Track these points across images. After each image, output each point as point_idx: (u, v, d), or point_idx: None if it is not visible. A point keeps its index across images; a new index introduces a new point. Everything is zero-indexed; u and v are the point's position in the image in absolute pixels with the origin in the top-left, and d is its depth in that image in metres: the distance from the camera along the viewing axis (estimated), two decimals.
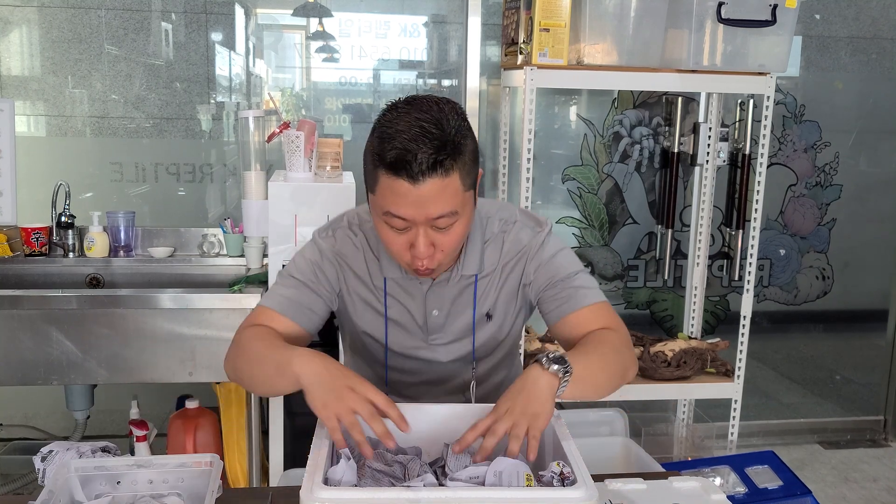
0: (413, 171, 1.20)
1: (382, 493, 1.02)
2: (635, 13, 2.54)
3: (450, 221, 1.27)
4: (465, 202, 1.28)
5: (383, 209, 1.27)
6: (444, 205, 1.24)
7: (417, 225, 1.26)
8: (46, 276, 2.69)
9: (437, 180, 1.21)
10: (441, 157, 1.20)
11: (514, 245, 1.47)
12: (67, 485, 1.29)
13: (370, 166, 1.28)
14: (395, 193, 1.23)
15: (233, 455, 2.57)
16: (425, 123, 1.22)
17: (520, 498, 1.01)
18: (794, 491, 2.32)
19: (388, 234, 1.30)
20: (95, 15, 2.95)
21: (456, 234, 1.30)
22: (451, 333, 1.49)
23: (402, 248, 1.30)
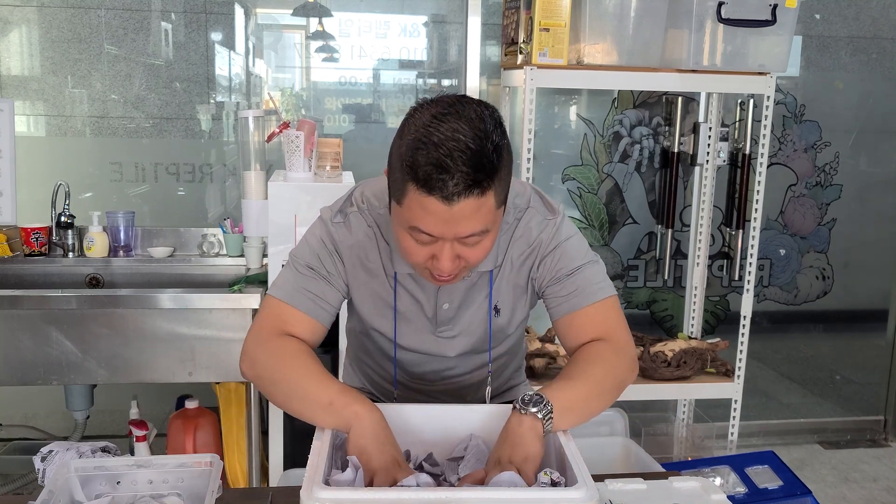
0: (448, 192, 1.11)
1: (382, 493, 1.01)
2: (635, 13, 2.54)
3: (479, 239, 1.20)
4: (497, 218, 1.21)
5: (409, 223, 1.18)
6: (476, 224, 1.16)
7: (444, 241, 1.19)
8: (46, 276, 2.69)
9: (472, 201, 1.13)
10: (479, 178, 1.12)
11: (525, 235, 1.38)
12: (67, 485, 1.29)
13: (398, 174, 1.16)
14: (424, 210, 1.14)
15: (233, 455, 2.57)
16: (464, 137, 1.11)
17: (520, 498, 1.01)
18: (794, 491, 2.32)
19: (410, 244, 1.22)
20: (95, 15, 2.95)
21: (483, 249, 1.23)
22: (459, 326, 1.44)
23: (423, 259, 1.23)
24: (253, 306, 2.33)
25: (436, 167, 1.10)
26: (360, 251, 1.38)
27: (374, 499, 0.99)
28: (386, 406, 1.28)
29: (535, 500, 1.01)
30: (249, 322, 2.35)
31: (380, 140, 3.24)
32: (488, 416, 1.30)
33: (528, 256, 1.40)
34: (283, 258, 2.34)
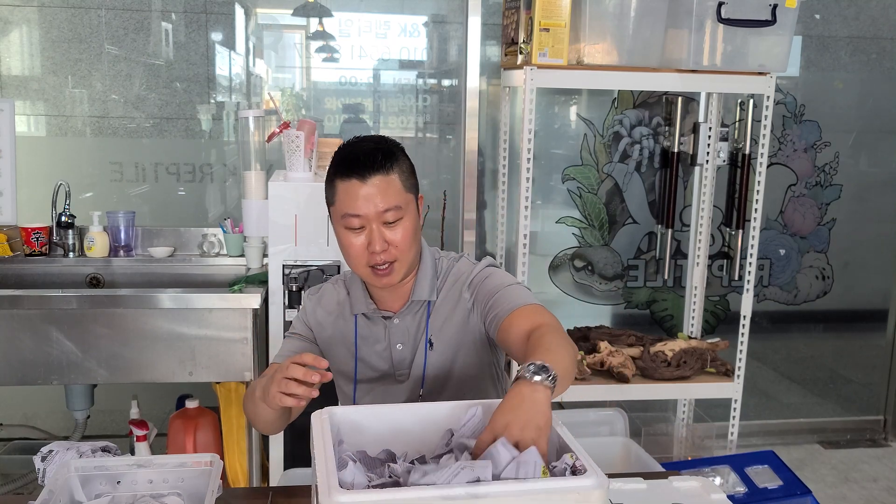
0: (360, 170, 1.45)
1: (402, 493, 1.02)
2: (635, 13, 2.54)
3: (396, 216, 1.47)
4: (408, 203, 1.50)
5: (341, 213, 1.48)
6: (389, 199, 1.46)
7: (370, 222, 1.47)
8: (46, 275, 2.69)
9: (381, 177, 1.46)
10: (381, 158, 1.46)
11: (455, 276, 1.61)
12: (67, 485, 1.29)
13: (329, 184, 1.53)
14: (348, 194, 1.47)
15: (233, 455, 2.57)
16: (368, 140, 1.52)
17: (536, 489, 1.02)
18: (794, 491, 2.32)
19: (349, 238, 1.49)
20: (95, 15, 2.95)
21: (405, 230, 1.49)
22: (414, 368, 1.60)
23: (361, 251, 1.49)
24: (253, 306, 2.33)
25: (350, 158, 1.48)
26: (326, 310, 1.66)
27: (394, 499, 0.99)
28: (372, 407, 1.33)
29: (550, 490, 1.02)
30: (249, 322, 2.36)
31: None
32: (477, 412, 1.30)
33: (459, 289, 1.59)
34: (283, 258, 2.36)
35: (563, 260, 3.37)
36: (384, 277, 1.51)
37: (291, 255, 2.36)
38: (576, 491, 1.02)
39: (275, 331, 2.41)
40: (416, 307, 1.59)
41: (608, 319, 3.44)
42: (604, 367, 2.69)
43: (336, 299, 1.65)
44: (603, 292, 3.41)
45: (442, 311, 1.59)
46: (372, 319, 1.61)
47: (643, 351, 2.74)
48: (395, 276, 1.51)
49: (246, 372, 2.37)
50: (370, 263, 1.49)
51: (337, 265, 2.37)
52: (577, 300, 3.38)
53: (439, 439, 1.27)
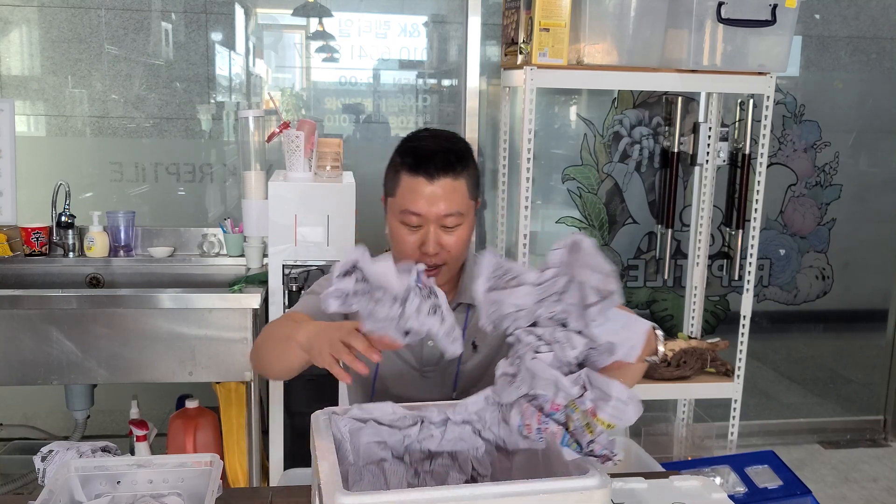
0: (430, 170, 1.41)
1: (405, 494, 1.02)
2: (635, 13, 2.54)
3: (457, 222, 1.45)
4: (469, 210, 1.48)
5: (401, 208, 1.44)
6: (453, 204, 1.43)
7: (429, 223, 1.44)
8: (46, 275, 2.69)
9: (449, 180, 1.43)
10: (453, 160, 1.43)
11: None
12: (67, 485, 1.29)
13: (391, 173, 1.48)
14: (413, 191, 1.42)
15: (233, 455, 2.57)
16: (441, 138, 1.48)
17: (537, 489, 1.02)
18: (794, 491, 2.32)
19: (403, 233, 1.46)
20: (95, 15, 2.95)
21: (460, 238, 1.47)
22: (441, 365, 1.57)
23: (413, 247, 1.45)
24: (253, 306, 2.33)
25: (421, 154, 1.43)
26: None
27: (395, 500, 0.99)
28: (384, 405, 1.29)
29: (553, 489, 1.03)
30: (249, 322, 2.35)
31: (380, 140, 3.24)
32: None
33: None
34: (283, 258, 2.36)
35: None
36: (430, 274, 1.44)
37: (291, 255, 2.36)
38: (578, 491, 1.02)
39: None
40: (458, 309, 1.56)
41: None
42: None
43: None
44: None
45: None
46: None
47: None
48: (441, 278, 1.50)
49: (246, 372, 2.37)
50: (419, 262, 1.38)
51: None
52: None
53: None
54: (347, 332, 1.18)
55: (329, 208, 2.35)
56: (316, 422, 1.21)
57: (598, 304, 1.00)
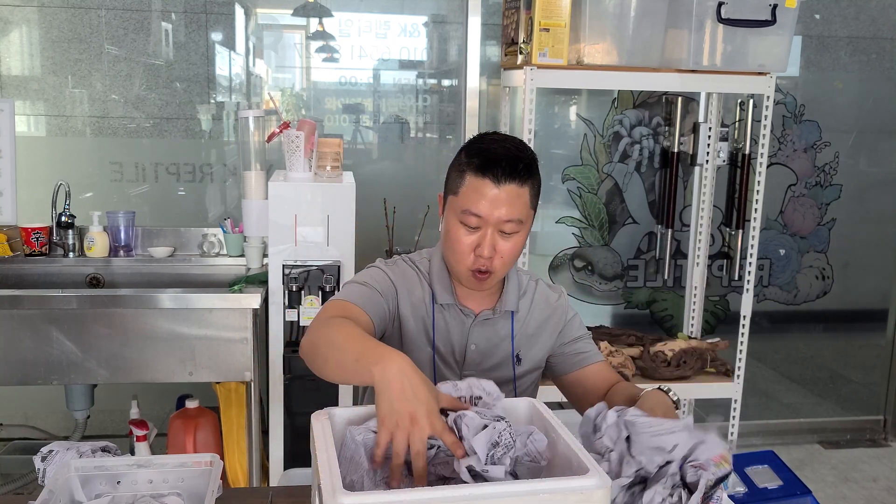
0: (498, 173, 1.40)
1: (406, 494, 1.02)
2: (635, 13, 2.54)
3: (515, 229, 1.44)
4: (528, 218, 1.48)
5: (463, 207, 1.43)
6: (515, 210, 1.42)
7: (487, 226, 1.43)
8: (46, 275, 2.69)
9: (515, 187, 1.42)
10: (521, 167, 1.42)
11: (542, 301, 1.64)
12: (67, 485, 1.29)
13: (456, 172, 1.47)
14: (477, 192, 1.42)
15: (233, 455, 2.57)
16: (509, 144, 1.46)
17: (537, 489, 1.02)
18: (794, 491, 2.32)
19: (459, 232, 1.45)
20: (95, 15, 2.95)
21: (515, 245, 1.47)
22: (485, 374, 1.57)
23: (467, 249, 1.45)
24: (253, 306, 2.33)
25: (489, 157, 1.42)
26: (407, 284, 1.57)
27: (397, 500, 0.99)
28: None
29: (553, 490, 1.02)
30: (249, 322, 2.35)
31: (380, 140, 3.24)
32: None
33: (549, 318, 1.63)
34: (283, 258, 2.36)
35: (563, 260, 3.37)
36: (479, 282, 1.49)
37: (291, 255, 2.37)
38: (578, 491, 1.02)
39: (275, 331, 2.41)
40: (501, 315, 1.58)
41: (608, 319, 3.44)
42: None
43: (416, 281, 1.58)
44: (603, 292, 3.41)
45: (528, 329, 1.61)
46: (452, 314, 1.57)
47: (643, 351, 2.74)
48: (488, 283, 1.50)
49: (246, 372, 2.38)
50: (472, 266, 1.46)
51: (337, 265, 2.37)
52: (577, 300, 3.38)
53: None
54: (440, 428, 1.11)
55: (329, 208, 2.35)
56: (316, 422, 1.21)
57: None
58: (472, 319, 1.56)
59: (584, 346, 1.63)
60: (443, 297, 1.55)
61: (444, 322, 1.57)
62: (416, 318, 1.56)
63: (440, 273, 1.56)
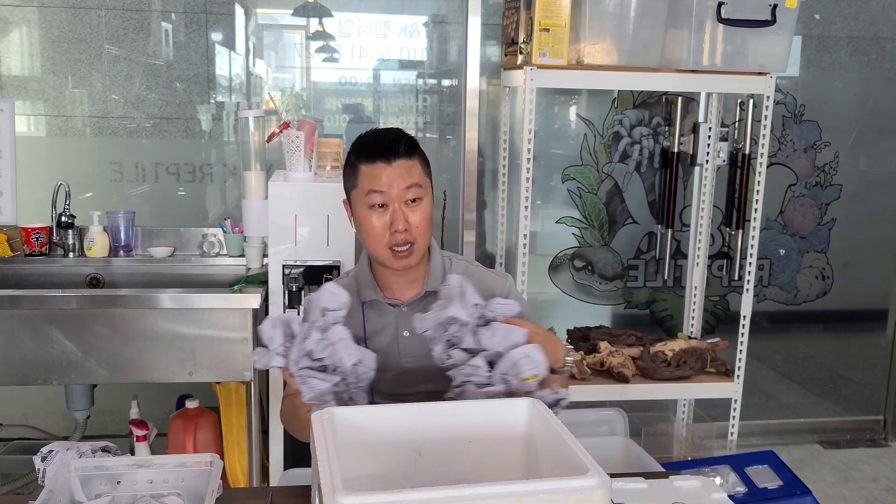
0: (387, 154, 1.54)
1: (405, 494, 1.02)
2: (635, 13, 2.54)
3: (417, 194, 1.56)
4: (426, 187, 1.60)
5: (366, 191, 1.55)
6: (411, 177, 1.55)
7: (393, 201, 1.55)
8: (46, 275, 2.69)
9: (404, 161, 1.56)
10: (404, 145, 1.56)
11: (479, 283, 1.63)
12: (67, 485, 1.29)
13: (349, 171, 1.60)
14: (373, 175, 1.55)
15: (233, 455, 2.57)
16: (386, 131, 1.61)
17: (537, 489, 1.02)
18: (794, 491, 2.32)
19: (371, 217, 1.56)
20: (95, 15, 2.95)
21: (423, 213, 1.57)
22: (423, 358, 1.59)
23: (382, 231, 1.55)
24: (253, 306, 2.33)
25: (374, 144, 1.58)
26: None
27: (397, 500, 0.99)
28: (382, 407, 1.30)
29: (552, 489, 1.03)
30: (249, 322, 2.35)
31: None
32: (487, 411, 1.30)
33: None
34: (283, 258, 2.36)
35: (563, 260, 3.37)
36: (403, 259, 1.57)
37: (291, 255, 2.37)
38: (578, 491, 1.02)
39: None
40: (428, 299, 1.62)
41: (608, 319, 3.44)
42: (604, 367, 2.69)
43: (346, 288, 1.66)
44: (603, 292, 3.41)
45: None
46: (380, 310, 1.65)
47: (643, 351, 2.74)
48: (413, 258, 1.58)
49: (246, 372, 2.38)
50: (391, 244, 1.55)
51: (337, 265, 2.37)
52: (577, 300, 3.39)
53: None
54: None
55: (329, 208, 2.35)
56: (316, 421, 1.21)
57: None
58: (400, 307, 1.64)
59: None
60: (367, 295, 1.65)
61: (376, 320, 1.65)
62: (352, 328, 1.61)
63: (362, 274, 1.66)
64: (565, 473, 1.09)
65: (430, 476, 1.26)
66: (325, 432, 1.18)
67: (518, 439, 1.29)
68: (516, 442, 1.29)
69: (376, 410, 1.28)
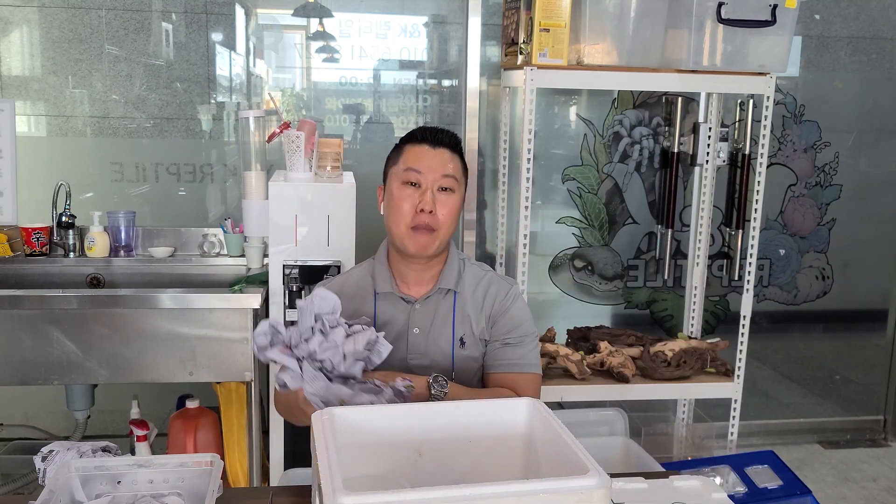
0: (433, 139, 1.62)
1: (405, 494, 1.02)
2: (635, 13, 2.54)
3: (452, 185, 1.61)
4: (461, 184, 1.64)
5: (405, 167, 1.61)
6: (451, 168, 1.61)
7: (428, 184, 1.59)
8: (47, 275, 2.69)
9: (448, 151, 1.62)
10: (453, 138, 1.64)
11: (488, 287, 1.69)
12: (68, 484, 1.29)
13: (395, 151, 1.67)
14: (416, 154, 1.61)
15: (233, 455, 2.57)
16: (437, 127, 1.67)
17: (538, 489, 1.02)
18: (794, 491, 2.32)
19: (403, 192, 1.60)
20: (95, 15, 2.95)
21: (452, 205, 1.61)
22: (429, 356, 1.64)
23: (410, 209, 1.59)
24: (254, 306, 2.33)
25: (426, 130, 1.65)
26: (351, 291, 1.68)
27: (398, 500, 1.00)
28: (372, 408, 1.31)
29: (553, 489, 1.03)
30: (250, 322, 2.36)
31: (380, 140, 3.24)
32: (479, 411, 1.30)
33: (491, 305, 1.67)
34: (283, 258, 2.36)
35: (563, 260, 3.37)
36: (422, 237, 1.59)
37: (291, 255, 2.37)
38: (578, 491, 1.02)
39: None
40: (440, 295, 1.65)
41: (608, 319, 3.44)
42: (604, 367, 2.69)
43: (359, 281, 1.71)
44: (603, 292, 3.42)
45: (470, 311, 1.66)
46: (392, 303, 1.66)
47: (643, 351, 2.75)
48: (431, 244, 1.60)
49: (246, 372, 2.38)
50: (414, 223, 1.58)
51: (337, 265, 2.37)
52: (577, 300, 3.39)
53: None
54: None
55: (329, 208, 2.35)
56: (316, 421, 1.21)
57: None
58: (413, 304, 1.65)
59: (514, 350, 1.65)
60: (382, 287, 1.66)
61: (387, 311, 1.66)
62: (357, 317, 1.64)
63: (381, 265, 1.68)
64: (565, 473, 1.09)
65: (430, 476, 1.27)
66: (325, 432, 1.18)
67: (518, 439, 1.29)
68: (516, 442, 1.29)
69: (376, 410, 1.28)
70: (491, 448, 1.28)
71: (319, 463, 1.10)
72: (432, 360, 1.65)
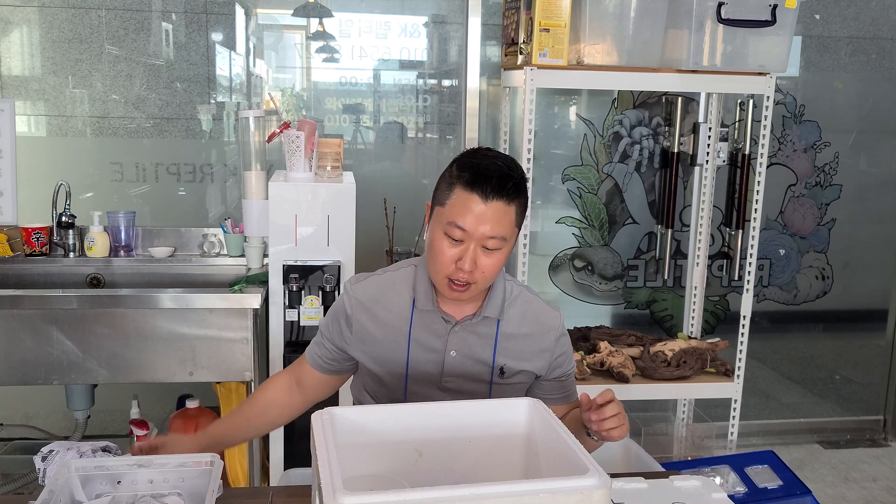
0: (486, 189, 1.42)
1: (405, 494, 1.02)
2: (635, 13, 2.54)
3: (498, 245, 1.45)
4: (512, 236, 1.49)
5: (449, 219, 1.45)
6: (499, 227, 1.44)
7: (471, 241, 1.44)
8: (47, 275, 2.69)
9: (502, 204, 1.43)
10: (510, 186, 1.43)
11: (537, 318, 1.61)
12: (68, 484, 1.29)
13: (445, 184, 1.48)
14: (464, 206, 1.43)
15: (233, 455, 2.57)
16: (500, 162, 1.46)
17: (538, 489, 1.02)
18: (794, 491, 2.32)
19: (443, 244, 1.46)
20: (95, 15, 2.95)
21: (496, 261, 1.47)
22: (464, 380, 1.57)
23: (449, 260, 1.46)
24: (254, 306, 2.34)
25: (480, 173, 1.43)
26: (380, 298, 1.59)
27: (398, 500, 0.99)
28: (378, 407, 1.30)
29: (553, 489, 1.03)
30: (250, 322, 2.36)
31: (380, 140, 3.24)
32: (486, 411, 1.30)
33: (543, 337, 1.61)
34: (283, 258, 2.36)
35: (563, 260, 3.37)
36: (457, 293, 1.49)
37: (292, 255, 2.37)
38: (578, 491, 1.02)
39: (275, 331, 2.41)
40: (483, 323, 1.57)
41: (608, 319, 3.44)
42: (604, 367, 2.69)
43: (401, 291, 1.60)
44: (603, 292, 3.42)
45: (515, 340, 1.59)
46: (431, 321, 1.57)
47: (643, 351, 2.75)
48: (466, 296, 1.51)
49: (246, 372, 2.38)
50: (451, 276, 1.47)
51: (337, 265, 2.37)
52: (577, 300, 3.39)
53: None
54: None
55: (329, 208, 2.36)
56: (316, 421, 1.21)
57: None
58: (453, 325, 1.56)
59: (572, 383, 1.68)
60: (424, 304, 1.56)
61: (424, 328, 1.57)
62: (391, 328, 1.58)
63: (423, 280, 1.57)
64: (565, 473, 1.09)
65: (430, 476, 1.26)
66: (325, 432, 1.18)
67: (518, 439, 1.29)
68: (516, 442, 1.29)
69: (376, 410, 1.28)
70: (491, 448, 1.28)
71: (319, 463, 1.10)
72: (469, 385, 1.58)
